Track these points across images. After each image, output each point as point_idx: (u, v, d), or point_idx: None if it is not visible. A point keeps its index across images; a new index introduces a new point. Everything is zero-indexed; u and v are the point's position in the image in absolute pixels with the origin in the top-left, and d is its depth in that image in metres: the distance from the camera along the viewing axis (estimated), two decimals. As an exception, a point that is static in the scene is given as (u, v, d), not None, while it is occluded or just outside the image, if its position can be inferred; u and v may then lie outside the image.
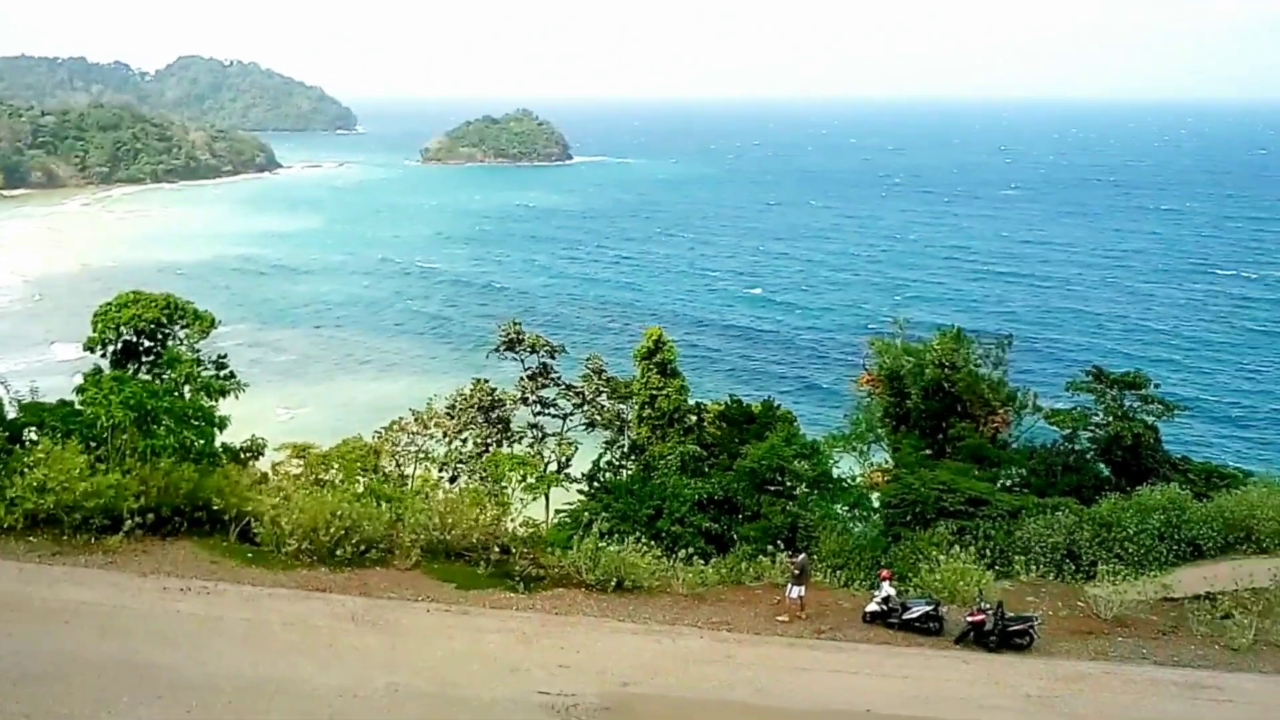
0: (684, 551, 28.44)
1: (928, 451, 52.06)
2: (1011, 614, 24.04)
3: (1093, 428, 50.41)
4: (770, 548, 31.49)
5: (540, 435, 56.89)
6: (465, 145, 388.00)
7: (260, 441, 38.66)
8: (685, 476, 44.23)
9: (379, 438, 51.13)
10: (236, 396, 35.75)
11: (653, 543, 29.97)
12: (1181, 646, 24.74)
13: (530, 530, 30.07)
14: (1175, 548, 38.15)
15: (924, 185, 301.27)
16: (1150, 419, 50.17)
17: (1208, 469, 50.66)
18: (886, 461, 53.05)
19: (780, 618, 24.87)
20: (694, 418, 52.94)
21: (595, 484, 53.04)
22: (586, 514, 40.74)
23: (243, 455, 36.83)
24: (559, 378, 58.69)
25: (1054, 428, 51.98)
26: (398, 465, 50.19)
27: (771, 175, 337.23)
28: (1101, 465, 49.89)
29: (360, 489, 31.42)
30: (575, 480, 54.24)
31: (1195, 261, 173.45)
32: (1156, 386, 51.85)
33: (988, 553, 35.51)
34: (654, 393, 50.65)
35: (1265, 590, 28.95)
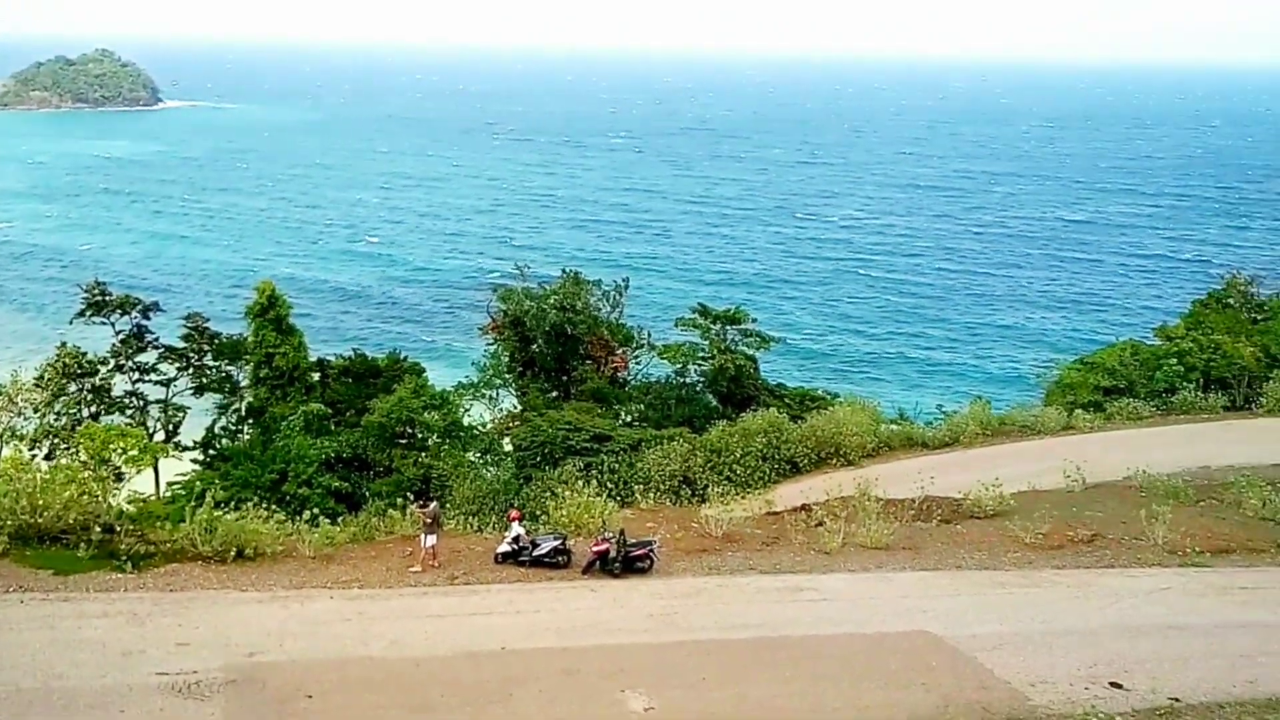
0: (309, 513, 27.46)
1: (554, 394, 53.57)
2: (633, 540, 25.32)
3: (700, 361, 53.87)
4: (400, 500, 31.18)
5: (143, 403, 52.79)
6: (36, 89, 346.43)
7: None
8: (310, 437, 42.79)
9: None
10: None
11: (276, 507, 28.80)
12: (782, 555, 27.13)
13: (138, 505, 27.85)
14: (776, 466, 41.93)
15: (533, 134, 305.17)
16: (750, 350, 54.40)
17: (801, 393, 55.87)
18: (515, 406, 54.05)
19: (413, 569, 24.73)
20: (316, 375, 51.19)
21: (211, 451, 50.14)
22: (200, 483, 38.44)
23: None
24: (157, 340, 54.61)
25: (667, 363, 55.09)
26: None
27: (380, 122, 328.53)
28: (710, 396, 53.59)
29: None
30: (188, 449, 50.99)
31: (781, 205, 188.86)
32: (754, 321, 56.24)
33: (611, 485, 37.26)
34: (270, 351, 48.32)
35: (851, 498, 32.29)
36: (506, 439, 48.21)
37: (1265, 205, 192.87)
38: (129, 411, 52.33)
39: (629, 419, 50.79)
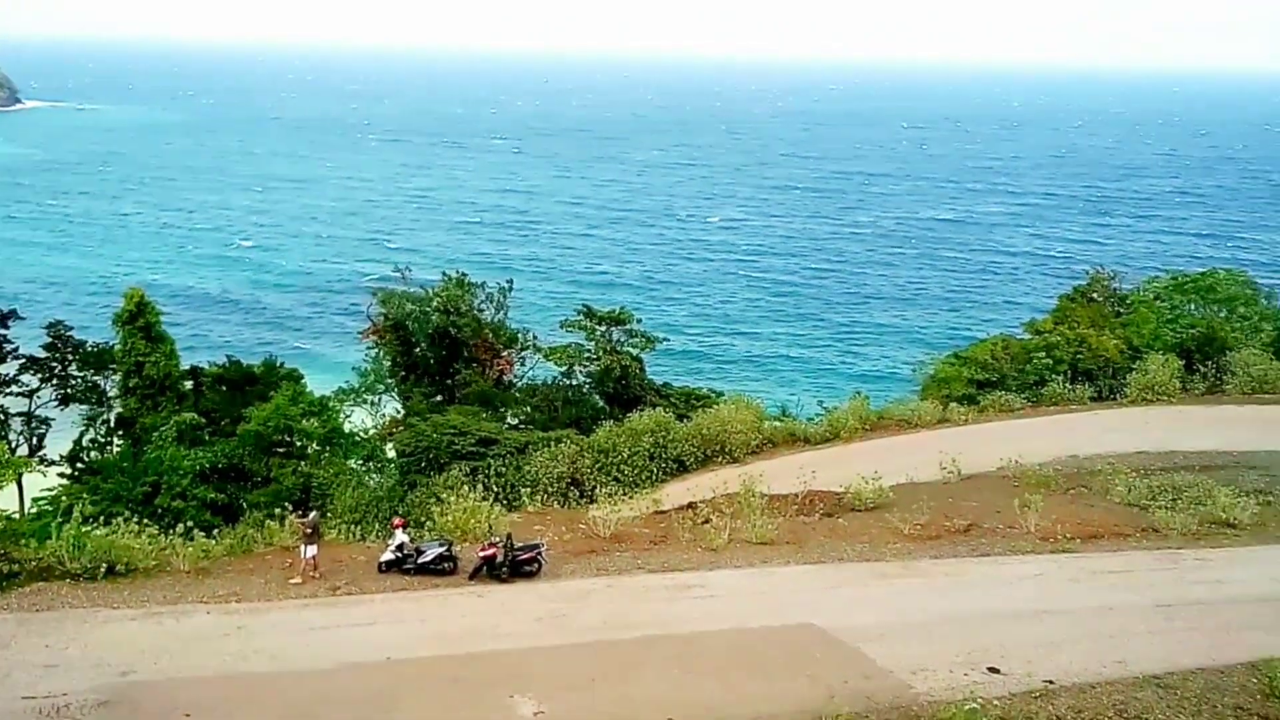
0: (183, 526, 26.50)
1: (438, 398, 52.90)
2: (520, 544, 25.10)
3: (587, 362, 53.85)
4: (279, 510, 30.35)
5: (3, 416, 50.43)
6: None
7: None
8: (184, 447, 41.36)
9: None
10: None
11: (149, 521, 27.74)
12: (670, 553, 27.24)
13: (1, 523, 26.50)
14: (664, 466, 42.12)
15: (409, 134, 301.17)
16: (636, 351, 54.61)
17: (687, 393, 56.30)
18: (398, 411, 53.22)
19: (293, 580, 24.08)
20: (189, 384, 49.52)
21: (79, 465, 48.14)
22: (67, 498, 36.82)
23: None
24: (17, 350, 52.23)
25: (553, 365, 54.93)
26: None
27: (253, 123, 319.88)
28: (597, 397, 53.61)
29: None
30: (54, 463, 48.87)
31: (662, 207, 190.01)
32: (639, 321, 56.49)
33: (498, 489, 36.94)
34: (140, 359, 46.56)
35: (737, 495, 32.62)
36: (389, 445, 47.40)
37: (1124, 204, 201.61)
38: (-12, 426, 49.94)
39: (515, 422, 50.46)
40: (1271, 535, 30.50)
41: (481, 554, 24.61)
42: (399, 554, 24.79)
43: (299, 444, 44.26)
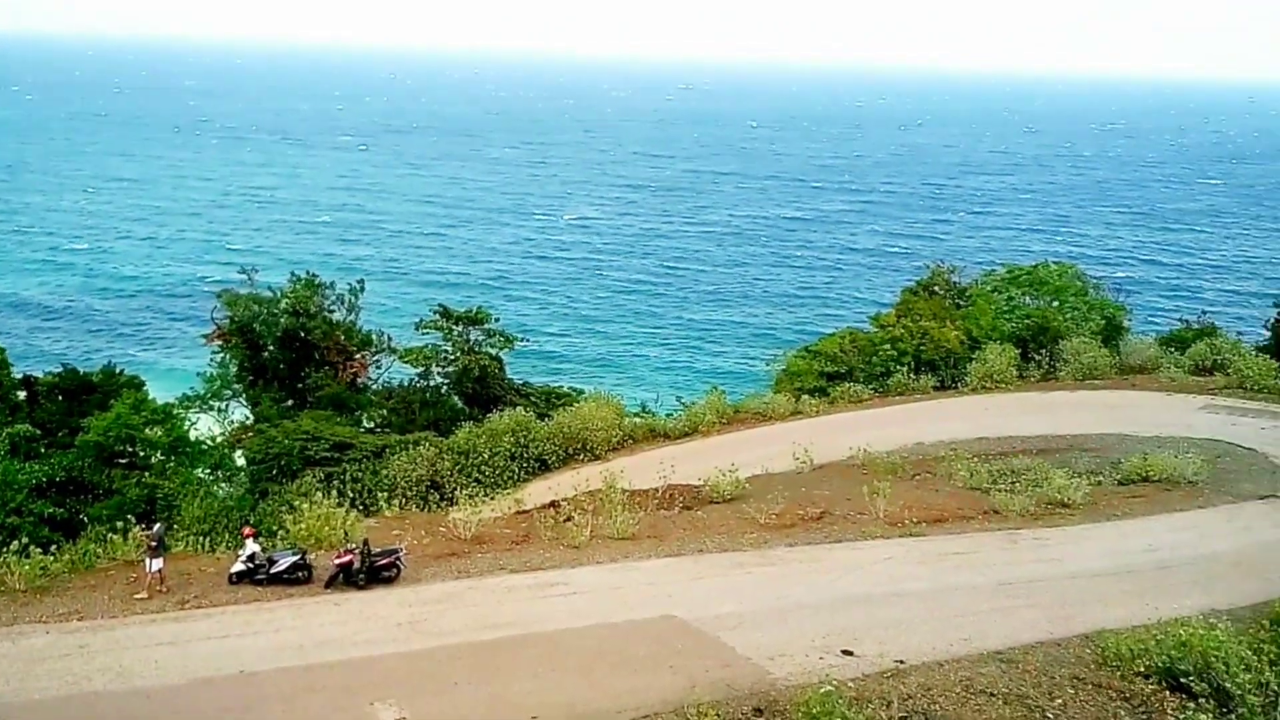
0: (18, 543, 25.13)
1: (289, 403, 51.51)
2: (378, 550, 24.70)
3: (444, 363, 53.27)
4: (123, 524, 29.10)
5: None
6: None
7: None
8: (18, 461, 39.22)
9: None
10: None
11: (-21, 540, 26.22)
12: (532, 552, 27.23)
13: None
14: (525, 465, 42.06)
15: (252, 131, 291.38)
16: (494, 350, 54.28)
17: (547, 391, 56.27)
18: (247, 418, 51.61)
19: (139, 595, 23.14)
20: (22, 394, 46.99)
21: (-104, 485, 45.09)
22: (-116, 521, 34.49)
23: None
24: None
25: (409, 366, 54.15)
26: None
27: (79, 120, 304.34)
28: (456, 397, 53.09)
29: None
30: None
31: (516, 206, 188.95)
32: (497, 321, 56.14)
33: (354, 494, 36.26)
34: (-35, 370, 43.95)
35: (598, 491, 32.82)
36: (238, 452, 45.93)
37: (962, 200, 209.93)
38: None
39: (371, 425, 49.57)
40: (1102, 514, 32.30)
41: (337, 561, 24.12)
42: (250, 564, 24.09)
43: (142, 454, 42.51)
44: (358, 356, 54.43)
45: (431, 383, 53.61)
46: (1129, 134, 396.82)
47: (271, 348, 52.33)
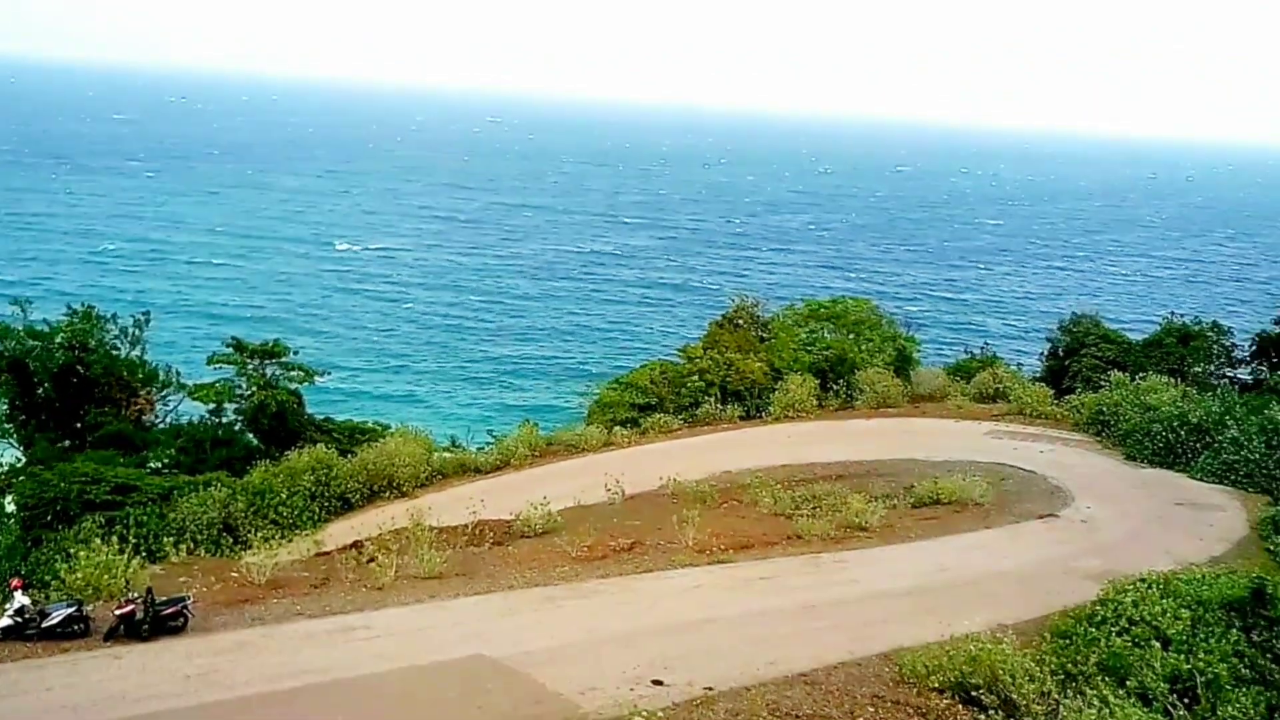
0: None
1: (66, 443, 48.23)
2: (163, 598, 23.15)
3: (238, 399, 51.02)
4: None
5: None
6: None
7: None
8: None
9: None
10: None
11: None
12: (333, 596, 26.10)
13: None
14: (326, 504, 40.53)
15: (20, 154, 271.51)
16: (293, 385, 52.30)
17: (350, 426, 54.56)
18: (19, 460, 47.93)
19: (-114, 660, 20.90)
20: None
21: None
22: None
23: None
24: None
25: (200, 403, 51.59)
26: None
27: None
28: (251, 435, 50.79)
29: None
30: None
31: (316, 236, 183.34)
32: (296, 354, 54.15)
33: (139, 540, 34.05)
34: None
35: (404, 529, 31.89)
36: (8, 497, 42.56)
37: (763, 237, 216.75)
38: None
39: (158, 466, 46.83)
40: (898, 536, 33.57)
41: (118, 612, 22.43)
42: (19, 619, 22.15)
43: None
44: (142, 393, 51.44)
45: (224, 420, 51.15)
46: (917, 175, 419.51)
47: (46, 385, 48.87)
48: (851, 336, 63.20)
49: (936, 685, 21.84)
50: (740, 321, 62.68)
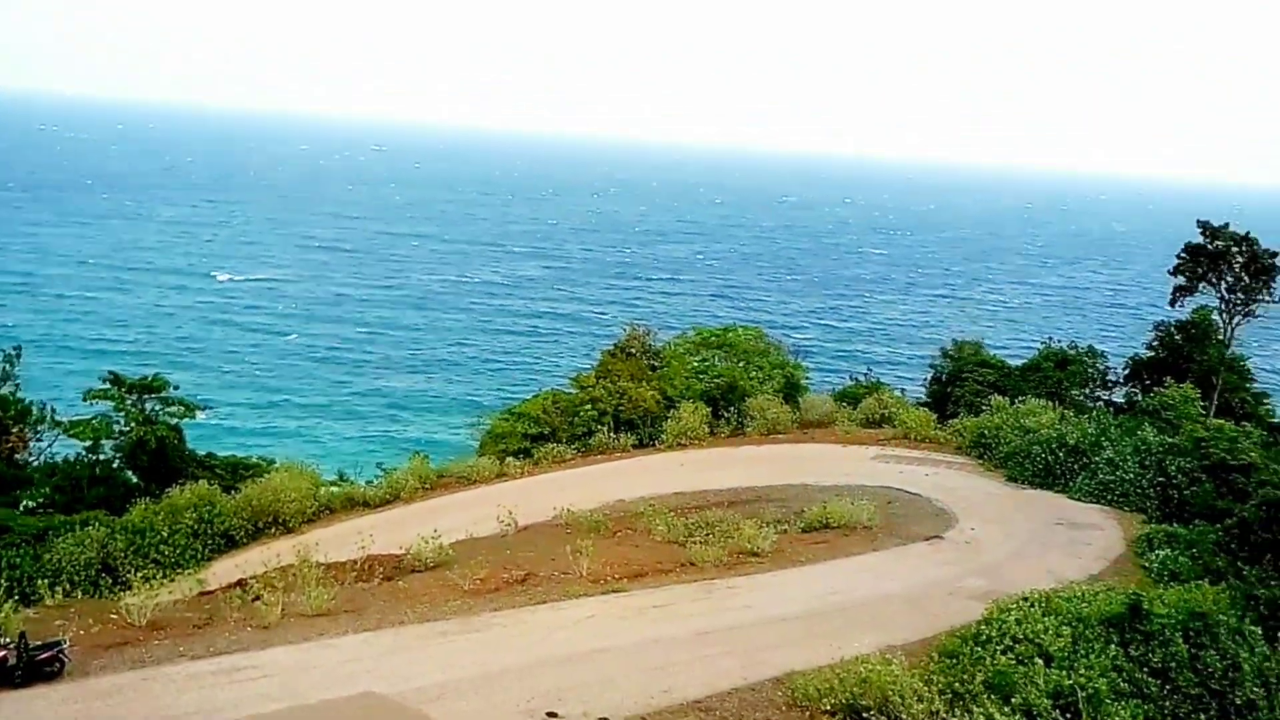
0: None
1: (-70, 485, 45.94)
2: (37, 643, 22.22)
3: (117, 435, 49.41)
4: None
5: None
6: None
7: None
8: None
9: None
10: None
11: None
12: (217, 636, 25.35)
13: None
14: (210, 542, 39.41)
15: None
16: (174, 420, 50.83)
17: (234, 462, 53.23)
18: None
19: None
20: None
21: None
22: None
23: None
24: None
25: (76, 440, 49.78)
26: None
27: None
28: (129, 472, 49.18)
29: None
30: None
31: (193, 267, 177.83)
32: (175, 388, 52.67)
33: (11, 582, 32.73)
34: None
35: (290, 566, 31.16)
36: None
37: (653, 267, 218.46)
38: None
39: (32, 505, 45.00)
40: (788, 560, 34.10)
41: None
42: None
43: None
44: (14, 430, 49.33)
45: (102, 456, 49.38)
46: (803, 205, 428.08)
47: None
48: (742, 364, 64.10)
49: (828, 708, 22.25)
50: (632, 350, 63.04)
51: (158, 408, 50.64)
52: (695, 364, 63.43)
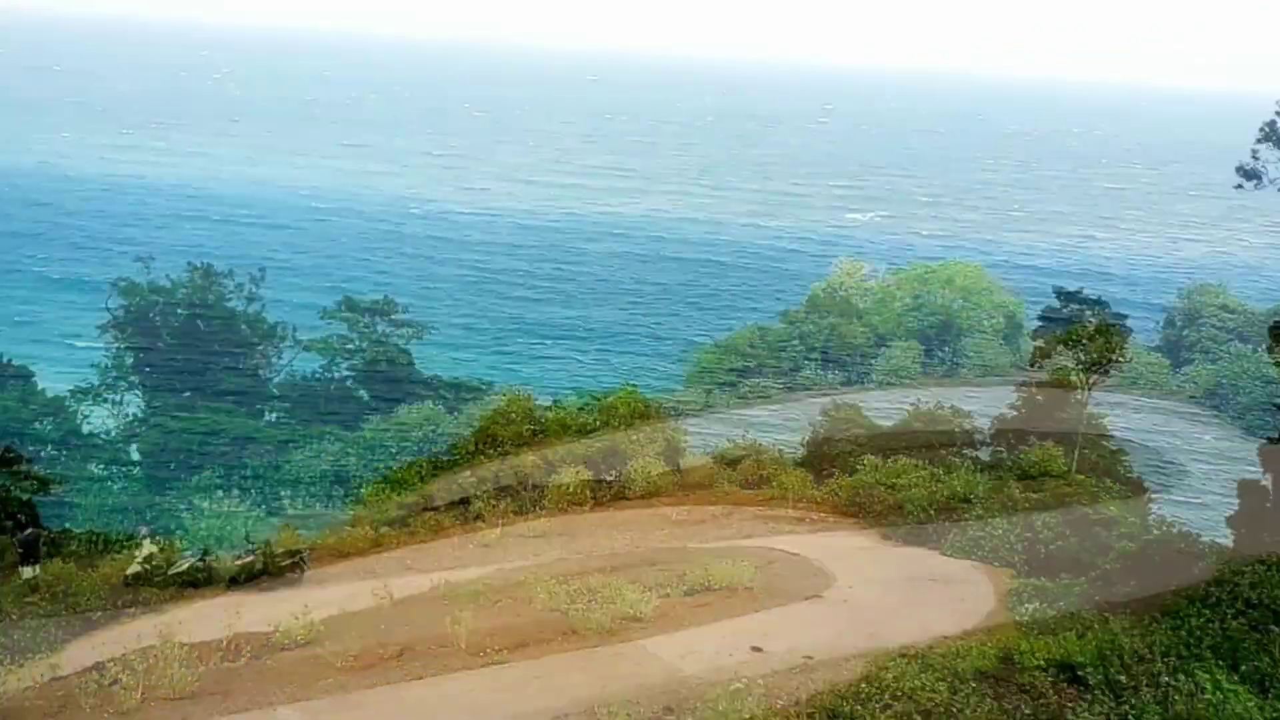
0: None
1: (187, 394, 46.93)
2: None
3: (350, 355, 49.83)
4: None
5: None
6: None
7: None
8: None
9: None
10: None
11: None
12: (68, 722, 24.05)
13: None
14: (64, 625, 37.34)
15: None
16: (402, 342, 50.98)
17: (456, 384, 52.64)
18: (143, 411, 45.55)
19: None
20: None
21: None
22: None
23: None
24: None
25: (317, 354, 49.95)
26: None
27: None
28: (362, 391, 49.18)
29: None
30: None
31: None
32: (405, 310, 52.51)
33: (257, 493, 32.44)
34: None
35: (152, 648, 29.76)
36: (133, 447, 40.27)
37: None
38: None
39: (273, 419, 44.84)
40: (672, 624, 33.91)
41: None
42: (147, 566, 24.26)
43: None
44: (260, 346, 49.69)
45: (337, 375, 49.57)
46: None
47: (169, 338, 46.66)
48: (958, 302, 62.08)
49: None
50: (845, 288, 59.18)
51: (389, 329, 50.59)
52: (908, 301, 61.40)
